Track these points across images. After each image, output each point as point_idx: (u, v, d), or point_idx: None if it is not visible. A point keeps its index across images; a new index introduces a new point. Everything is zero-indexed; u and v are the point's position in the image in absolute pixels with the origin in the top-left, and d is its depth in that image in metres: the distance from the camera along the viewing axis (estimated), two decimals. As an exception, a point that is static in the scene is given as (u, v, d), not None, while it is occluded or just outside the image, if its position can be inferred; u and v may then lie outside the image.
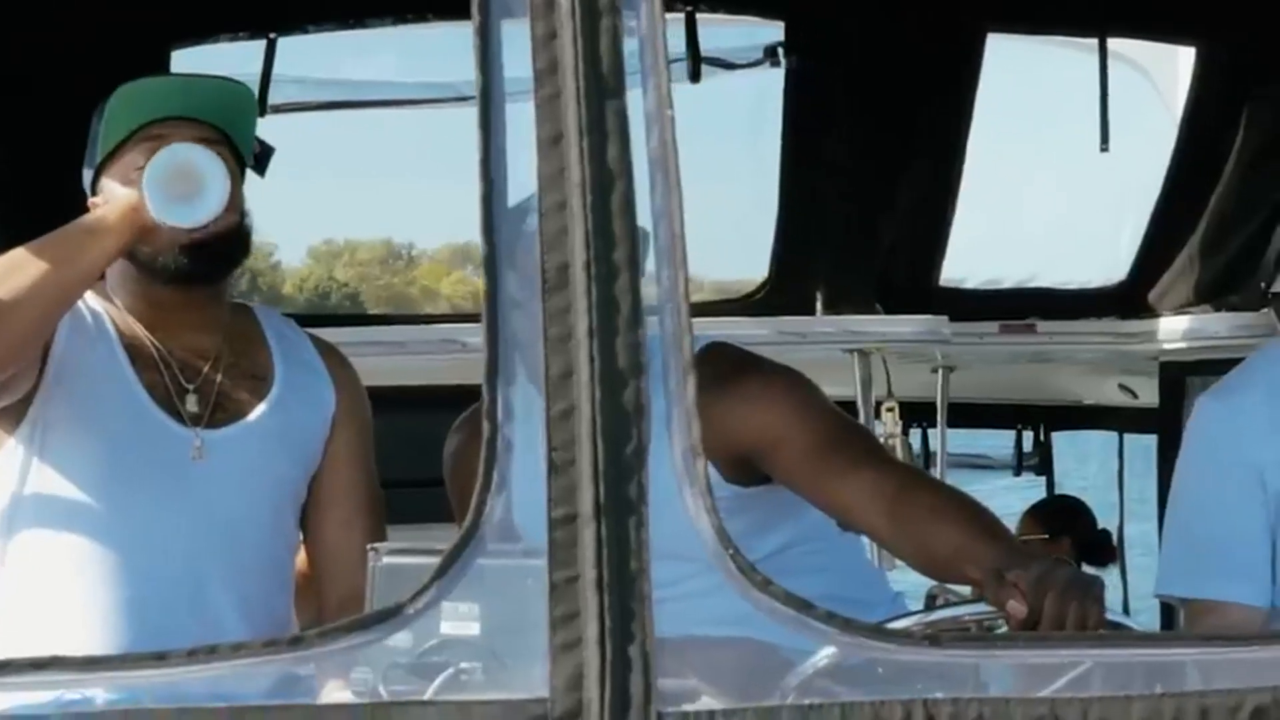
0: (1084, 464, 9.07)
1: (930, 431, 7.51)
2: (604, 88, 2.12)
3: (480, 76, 2.13)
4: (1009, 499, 8.07)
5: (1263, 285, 5.74)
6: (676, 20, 5.51)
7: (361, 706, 2.09)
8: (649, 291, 2.10)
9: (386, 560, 2.36)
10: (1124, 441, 7.72)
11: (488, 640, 2.15)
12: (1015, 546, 3.15)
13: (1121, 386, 7.14)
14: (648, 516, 2.05)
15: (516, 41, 2.16)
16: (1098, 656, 2.09)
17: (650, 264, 2.12)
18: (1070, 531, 6.90)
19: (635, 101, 2.15)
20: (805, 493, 3.40)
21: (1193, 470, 3.86)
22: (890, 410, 6.11)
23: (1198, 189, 5.87)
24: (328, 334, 3.73)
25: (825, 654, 2.09)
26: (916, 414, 7.43)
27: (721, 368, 3.49)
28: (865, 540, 4.04)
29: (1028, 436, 8.09)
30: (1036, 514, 7.14)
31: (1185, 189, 5.94)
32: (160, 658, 2.08)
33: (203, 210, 3.14)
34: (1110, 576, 7.58)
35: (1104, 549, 7.10)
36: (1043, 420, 7.98)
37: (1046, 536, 6.80)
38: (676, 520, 2.09)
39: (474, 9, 2.14)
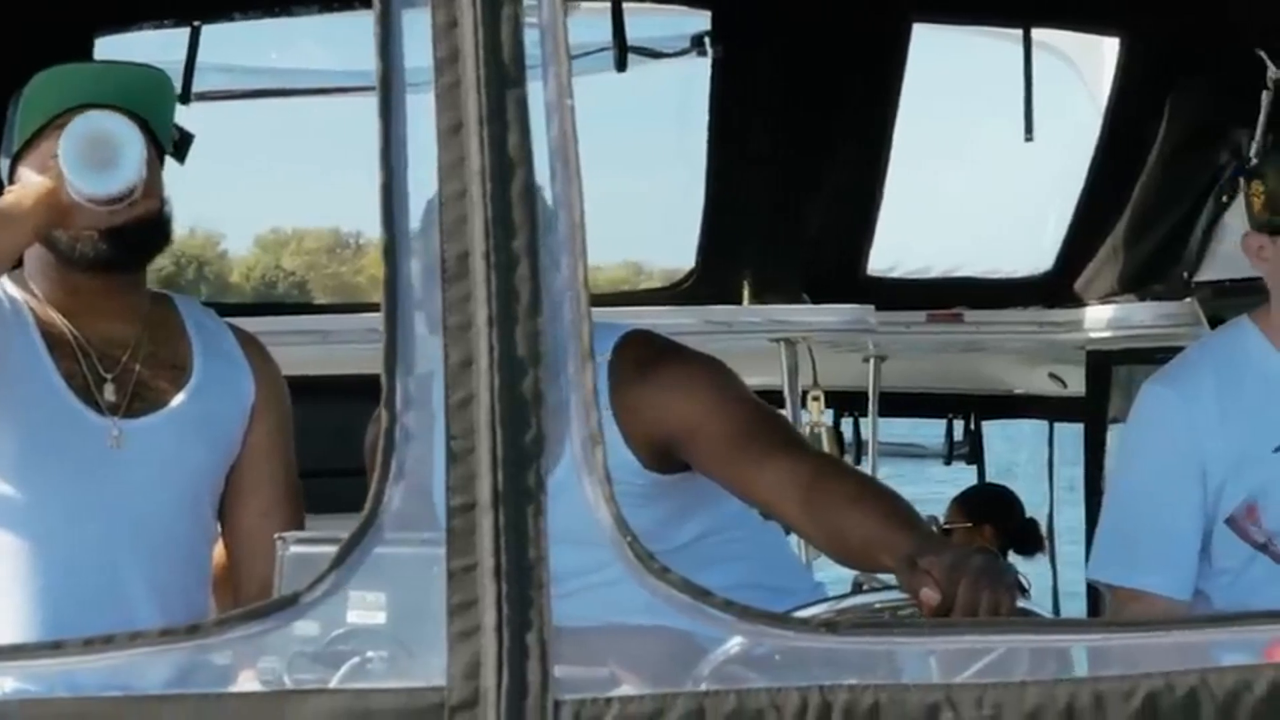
0: (1015, 452, 9.11)
1: (861, 421, 7.55)
2: (504, 76, 2.12)
3: (380, 64, 2.13)
4: (940, 488, 8.12)
5: (1185, 275, 5.83)
6: (603, 9, 5.52)
7: (258, 695, 2.09)
8: (549, 280, 2.10)
9: (294, 549, 2.36)
10: (1054, 430, 7.76)
11: (389, 629, 2.15)
12: (929, 534, 3.17)
13: (1051, 375, 7.18)
14: (546, 505, 2.06)
15: (417, 29, 2.15)
16: (998, 642, 2.10)
17: (550, 252, 2.11)
18: (993, 520, 6.93)
19: (536, 91, 2.15)
20: (722, 481, 3.40)
21: (1138, 457, 3.89)
22: (816, 399, 6.14)
23: (1122, 179, 5.91)
24: (249, 323, 3.72)
25: (723, 641, 2.09)
26: (848, 403, 7.47)
27: (641, 356, 3.50)
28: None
29: (958, 425, 8.11)
30: (961, 502, 7.18)
31: (1110, 179, 5.97)
32: (56, 647, 2.08)
33: (119, 179, 3.13)
34: (1040, 564, 7.63)
35: (1030, 537, 7.12)
36: (973, 409, 8.02)
37: (970, 525, 6.82)
38: (575, 508, 2.10)
39: None
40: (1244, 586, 3.78)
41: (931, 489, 8.33)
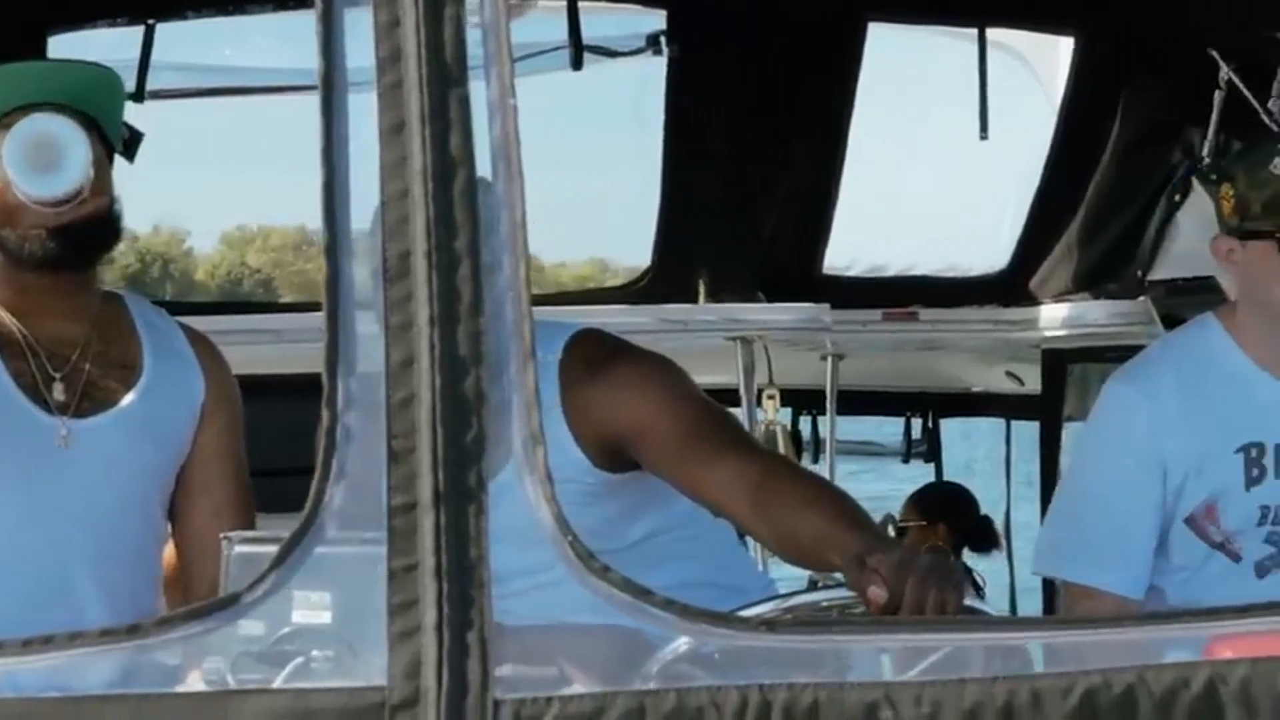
0: (973, 450, 9.14)
1: (820, 419, 7.57)
2: (447, 76, 2.12)
3: (322, 64, 2.13)
4: (898, 485, 8.14)
5: (1139, 273, 5.86)
6: (559, 8, 5.53)
7: (200, 695, 2.08)
8: (491, 280, 2.10)
9: (239, 549, 2.36)
10: (1011, 428, 7.79)
11: (333, 628, 2.15)
12: (877, 533, 3.17)
13: (1008, 373, 7.21)
14: (487, 504, 2.06)
15: (360, 29, 2.15)
16: (937, 640, 2.11)
17: (493, 252, 2.12)
18: (948, 518, 6.95)
19: (479, 90, 2.15)
20: (671, 480, 3.41)
21: (1098, 453, 3.89)
22: (771, 398, 6.16)
23: (1076, 178, 5.94)
24: (202, 322, 3.71)
25: (665, 640, 2.10)
26: (806, 402, 7.49)
27: (592, 355, 3.50)
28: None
29: (916, 423, 8.14)
30: (916, 501, 7.20)
31: (1064, 177, 6.00)
32: (-4, 647, 2.07)
33: (65, 181, 3.13)
34: (997, 561, 7.66)
35: (985, 535, 7.15)
36: (931, 407, 8.05)
37: (925, 523, 6.84)
38: (517, 508, 2.10)
39: None
40: (1199, 584, 3.80)
41: (890, 487, 8.36)
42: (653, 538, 3.63)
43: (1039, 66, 6.06)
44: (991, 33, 5.91)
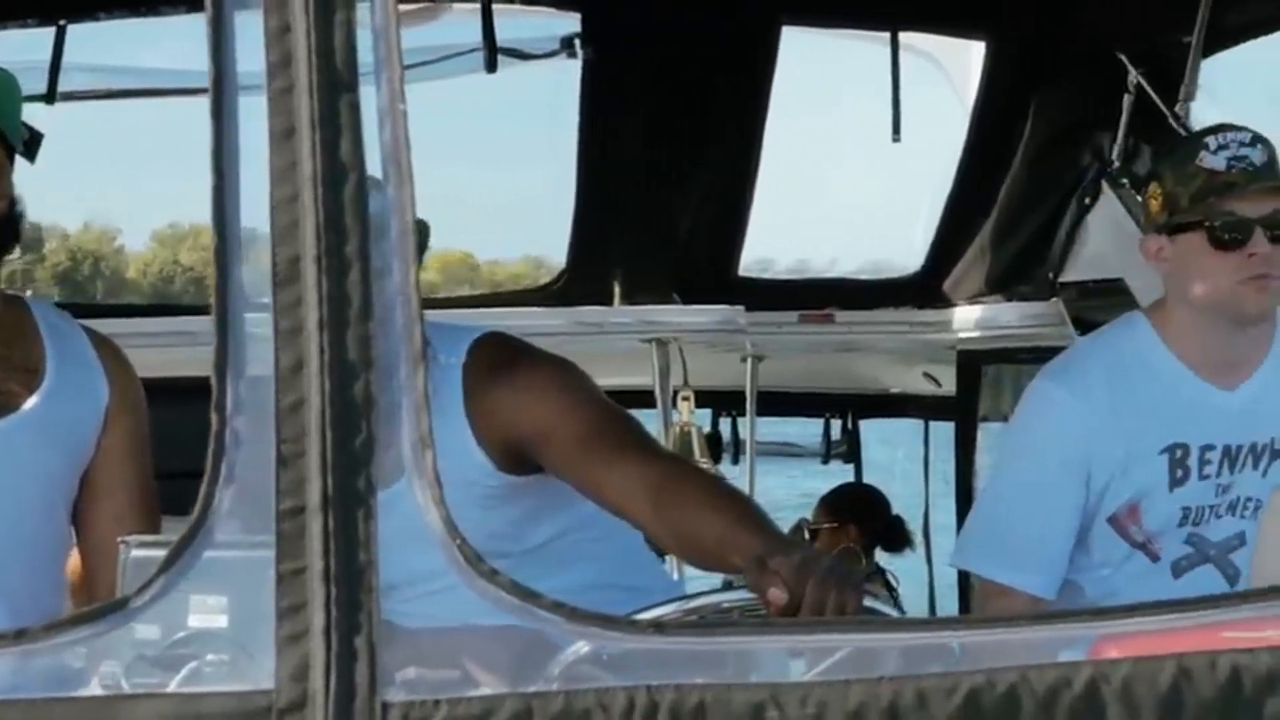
0: (893, 451, 9.19)
1: (740, 420, 7.59)
2: (337, 81, 2.12)
3: (213, 68, 2.13)
4: (818, 486, 8.17)
5: (1050, 275, 5.91)
6: (473, 10, 5.53)
7: (89, 700, 2.08)
8: (381, 285, 2.11)
9: (136, 553, 2.35)
10: (929, 428, 7.83)
11: (227, 632, 2.15)
12: (778, 535, 3.18)
13: (926, 375, 7.25)
14: (376, 509, 2.06)
15: (250, 33, 2.15)
16: (826, 641, 2.13)
17: (383, 256, 2.12)
18: (859, 519, 6.97)
19: (369, 96, 2.15)
20: (573, 482, 3.41)
21: (1024, 453, 3.90)
22: (686, 399, 6.18)
23: (988, 180, 5.99)
24: (111, 325, 3.70)
25: (553, 643, 2.11)
26: (726, 403, 7.52)
27: (494, 359, 3.52)
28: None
29: (836, 425, 8.18)
30: (827, 503, 7.23)
31: (976, 180, 6.05)
32: (-120, 653, 2.06)
33: None
34: (916, 560, 7.70)
35: (896, 535, 7.18)
36: (850, 408, 8.09)
37: (836, 525, 6.87)
38: (406, 512, 2.11)
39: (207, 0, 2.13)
40: (1117, 582, 3.83)
41: (810, 487, 8.40)
42: (558, 540, 3.64)
43: (952, 70, 6.11)
44: (905, 36, 5.94)
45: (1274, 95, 5.36)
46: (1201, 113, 5.21)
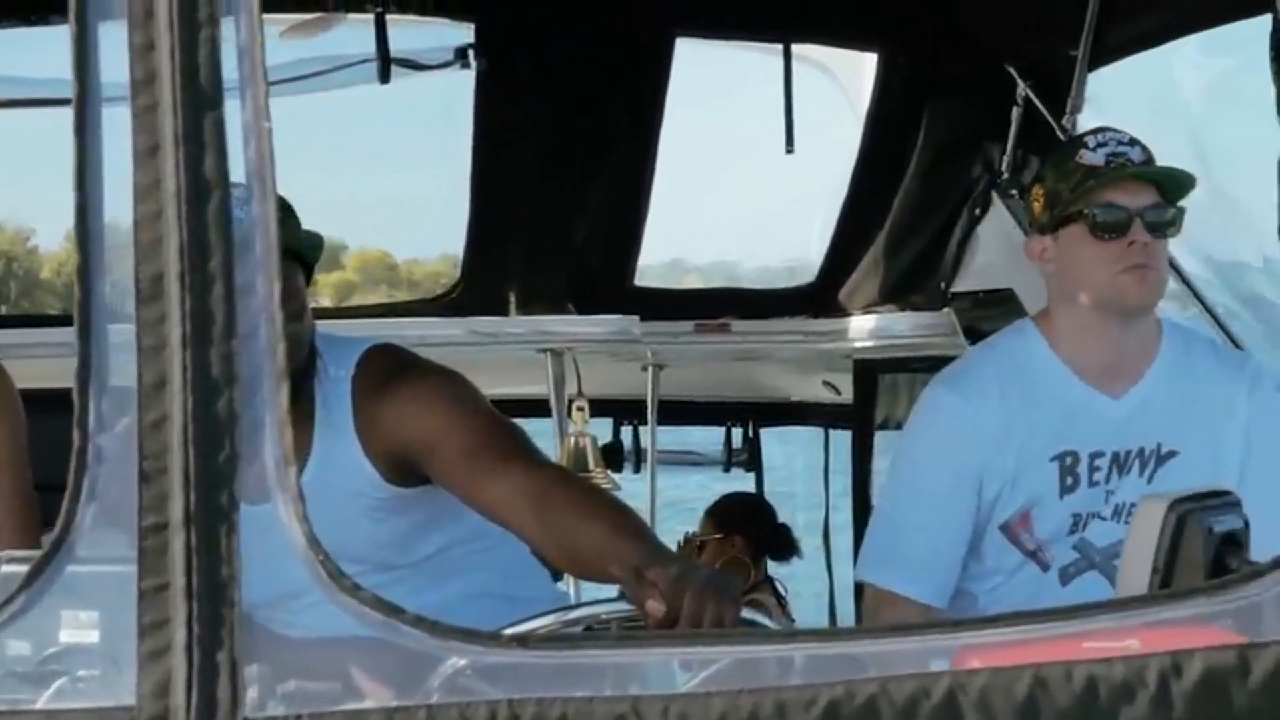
0: (793, 459, 9.23)
1: (641, 429, 7.60)
2: (201, 98, 2.13)
3: (76, 84, 2.13)
4: (719, 493, 8.19)
5: (942, 285, 5.95)
6: (366, 21, 5.52)
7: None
8: (245, 301, 2.12)
9: (5, 568, 2.35)
10: (830, 437, 7.86)
11: (98, 648, 2.15)
12: (657, 546, 3.20)
13: (825, 383, 7.28)
14: (239, 524, 2.07)
15: (115, 50, 2.15)
16: (692, 655, 2.15)
17: (246, 273, 2.12)
18: (743, 529, 6.92)
19: (234, 112, 2.16)
20: (459, 493, 3.43)
21: (916, 462, 3.92)
22: (581, 409, 6.19)
23: (882, 191, 6.01)
24: (13, 336, 3.69)
25: (416, 657, 2.12)
26: (627, 412, 7.53)
27: (382, 370, 3.54)
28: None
29: (737, 433, 8.19)
30: (711, 514, 7.21)
31: (870, 191, 6.08)
32: None
33: None
34: (817, 568, 7.72)
35: (782, 543, 7.16)
36: (751, 417, 8.10)
37: (721, 536, 6.85)
38: (268, 528, 2.11)
39: (70, 15, 2.13)
40: (1008, 590, 3.85)
41: (712, 496, 8.42)
42: (445, 552, 3.65)
43: (846, 81, 6.14)
44: (800, 47, 5.96)
45: (1159, 108, 5.40)
46: (1088, 125, 5.26)
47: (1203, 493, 2.84)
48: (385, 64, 5.49)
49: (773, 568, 7.18)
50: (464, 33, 5.67)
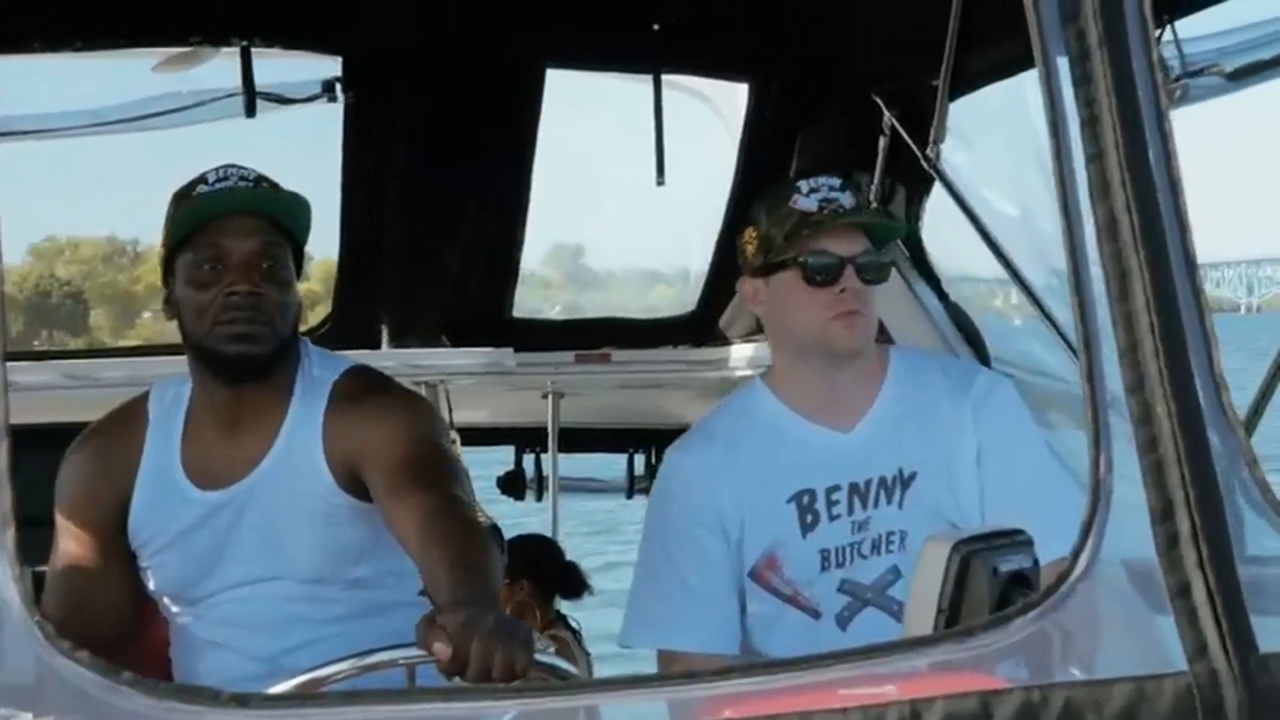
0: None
1: (543, 456, 7.58)
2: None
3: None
4: (624, 522, 8.18)
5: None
6: (232, 54, 5.49)
7: None
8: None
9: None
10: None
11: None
12: (472, 589, 3.13)
13: (724, 409, 7.26)
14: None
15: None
16: (404, 714, 2.13)
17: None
18: (528, 573, 6.75)
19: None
20: (378, 505, 3.54)
21: (660, 523, 3.94)
22: (453, 441, 6.16)
23: (756, 219, 5.99)
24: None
25: (135, 718, 2.10)
26: (529, 439, 7.50)
27: (354, 385, 3.74)
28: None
29: (640, 459, 8.18)
30: None
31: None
32: None
33: None
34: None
35: (570, 582, 7.01)
36: (654, 443, 8.09)
37: (508, 582, 6.50)
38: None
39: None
40: (780, 642, 3.84)
41: (616, 522, 8.40)
42: (377, 581, 3.73)
43: (723, 108, 6.13)
44: (674, 76, 5.94)
45: (1020, 136, 5.40)
46: (951, 155, 5.27)
47: (989, 532, 2.83)
48: (251, 98, 5.45)
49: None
50: (331, 65, 5.64)
